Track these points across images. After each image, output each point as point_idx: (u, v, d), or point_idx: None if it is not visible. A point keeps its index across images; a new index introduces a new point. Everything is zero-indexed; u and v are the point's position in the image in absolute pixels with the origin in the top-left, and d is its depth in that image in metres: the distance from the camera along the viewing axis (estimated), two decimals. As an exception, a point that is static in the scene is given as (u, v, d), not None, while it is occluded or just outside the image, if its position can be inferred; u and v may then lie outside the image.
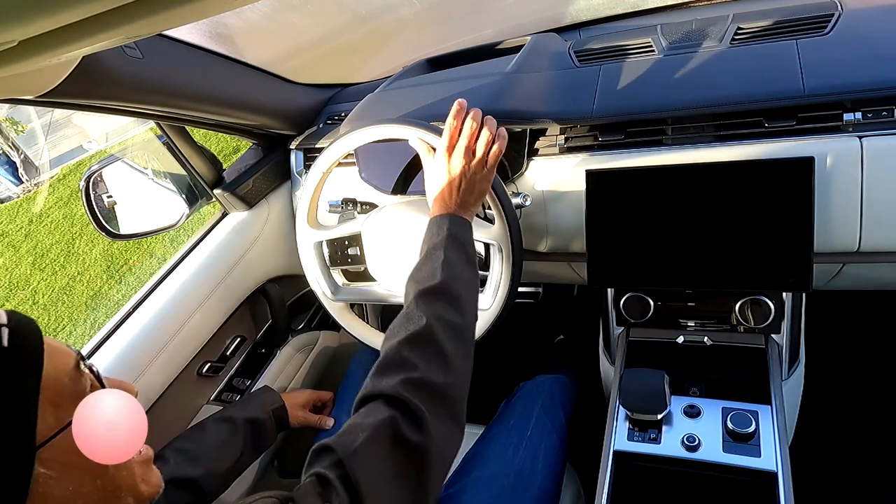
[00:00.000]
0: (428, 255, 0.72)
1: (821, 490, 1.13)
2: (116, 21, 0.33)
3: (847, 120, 0.77)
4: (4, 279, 4.68)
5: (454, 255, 0.71)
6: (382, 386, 0.57)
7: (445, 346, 0.62)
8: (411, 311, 0.65)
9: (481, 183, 0.78)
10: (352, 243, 0.98)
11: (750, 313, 0.88)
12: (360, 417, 0.56)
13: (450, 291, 0.67)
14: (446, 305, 0.66)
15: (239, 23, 1.13)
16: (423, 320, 0.62)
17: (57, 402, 0.43)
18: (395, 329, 0.64)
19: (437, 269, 0.68)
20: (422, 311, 0.64)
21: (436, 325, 0.63)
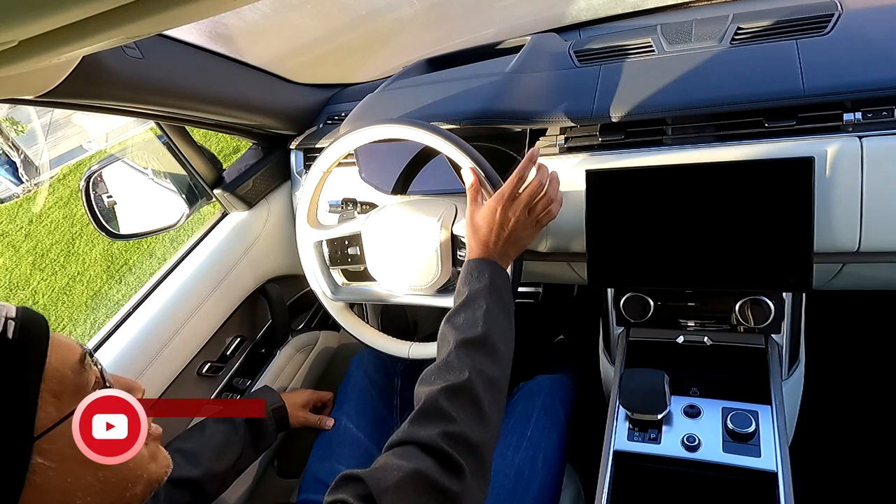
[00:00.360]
0: (469, 301, 0.71)
1: (821, 490, 1.13)
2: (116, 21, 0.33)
3: (847, 120, 0.77)
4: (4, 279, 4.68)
5: (495, 305, 0.71)
6: (421, 435, 0.58)
7: (483, 401, 0.62)
8: (451, 360, 0.65)
9: (526, 239, 0.79)
10: (352, 243, 0.98)
11: (750, 313, 0.88)
12: (395, 458, 0.56)
13: (490, 343, 0.68)
14: (486, 359, 0.66)
15: (239, 23, 1.13)
16: (464, 373, 0.63)
17: (59, 394, 0.44)
18: (433, 375, 0.64)
19: (478, 319, 0.68)
20: (462, 363, 0.64)
21: (476, 380, 0.63)
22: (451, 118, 0.94)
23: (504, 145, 0.95)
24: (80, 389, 0.46)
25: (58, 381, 0.44)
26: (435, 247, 0.88)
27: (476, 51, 1.21)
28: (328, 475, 0.92)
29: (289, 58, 1.26)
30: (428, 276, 0.89)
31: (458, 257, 0.90)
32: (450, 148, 0.82)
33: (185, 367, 1.03)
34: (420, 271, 0.89)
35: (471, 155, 0.81)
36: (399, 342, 0.98)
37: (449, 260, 0.90)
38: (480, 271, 0.74)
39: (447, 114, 0.95)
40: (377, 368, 1.07)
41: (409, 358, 0.96)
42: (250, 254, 1.15)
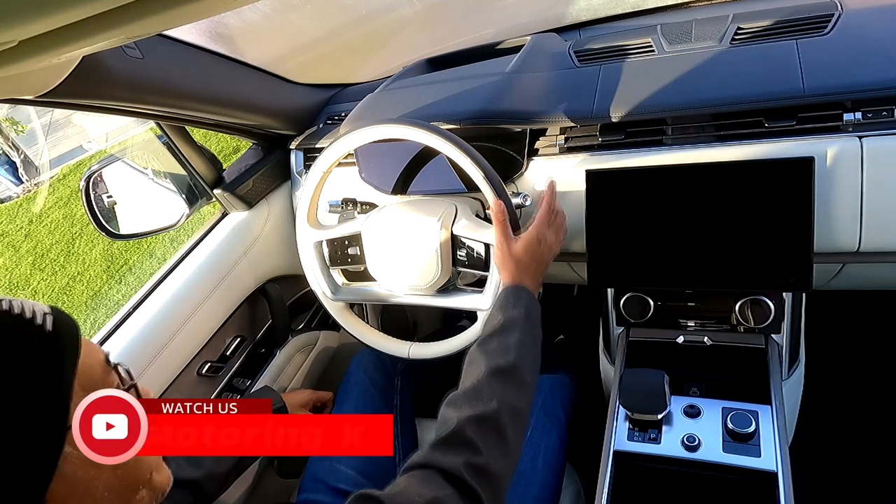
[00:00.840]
0: (503, 328, 0.72)
1: (821, 490, 1.13)
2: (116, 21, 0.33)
3: (847, 120, 0.77)
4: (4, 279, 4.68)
5: (527, 335, 0.72)
6: (444, 462, 0.58)
7: (508, 432, 0.63)
8: (481, 387, 0.65)
9: (548, 264, 0.83)
10: (352, 243, 0.98)
11: (750, 313, 0.88)
12: (416, 484, 0.56)
13: (520, 374, 0.68)
14: (515, 390, 0.67)
15: (239, 23, 1.13)
16: (492, 403, 0.63)
17: (88, 388, 0.46)
18: (462, 400, 0.64)
19: (511, 348, 0.69)
20: (492, 392, 0.64)
21: (504, 410, 0.63)
22: (451, 118, 0.94)
23: (504, 145, 0.95)
24: (108, 387, 0.48)
25: (89, 376, 0.46)
26: (435, 247, 0.87)
27: (476, 51, 1.21)
28: (328, 475, 0.92)
29: (289, 58, 1.26)
30: (428, 276, 0.89)
31: (457, 257, 0.90)
32: (450, 148, 0.82)
33: (185, 367, 1.03)
34: (420, 271, 0.89)
35: (471, 155, 0.81)
36: (399, 342, 0.98)
37: (449, 260, 0.90)
38: (518, 298, 0.76)
39: (447, 114, 0.95)
40: (377, 368, 1.07)
41: (409, 358, 0.96)
42: (250, 254, 1.15)
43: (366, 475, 0.92)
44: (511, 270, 0.79)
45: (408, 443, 1.02)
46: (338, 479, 0.91)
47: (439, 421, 0.64)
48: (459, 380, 0.70)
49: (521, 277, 0.79)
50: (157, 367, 0.96)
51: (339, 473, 0.91)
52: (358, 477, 0.91)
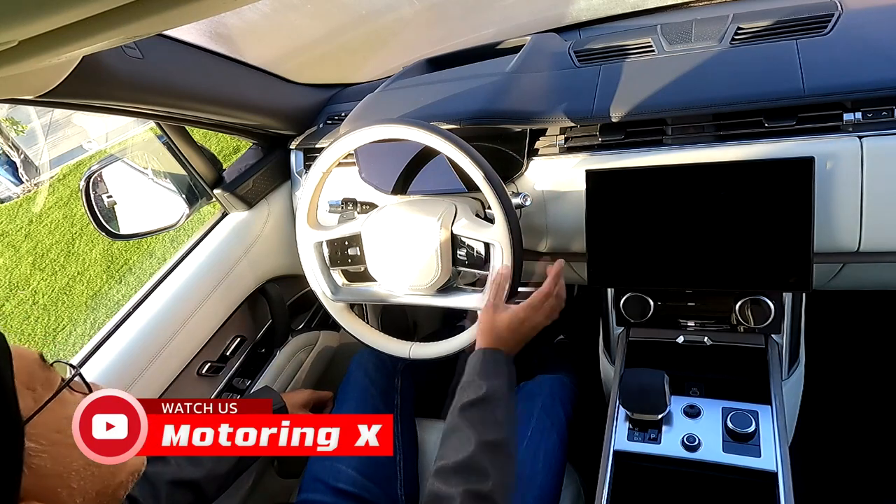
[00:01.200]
0: (488, 397, 0.71)
1: (821, 490, 1.13)
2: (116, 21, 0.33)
3: (847, 120, 0.77)
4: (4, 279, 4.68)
5: (510, 407, 0.72)
6: None
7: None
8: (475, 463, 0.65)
9: (538, 331, 0.82)
10: (352, 243, 0.98)
11: (750, 313, 0.88)
12: None
13: (510, 448, 0.69)
14: (508, 463, 0.68)
15: (239, 23, 1.13)
16: (488, 483, 0.63)
17: (32, 385, 0.47)
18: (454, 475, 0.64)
19: (501, 421, 0.70)
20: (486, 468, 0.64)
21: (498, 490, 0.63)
22: (451, 118, 0.94)
23: (504, 145, 0.95)
24: (50, 383, 0.48)
25: (27, 374, 0.47)
26: (435, 247, 0.87)
27: (476, 51, 1.21)
28: (328, 475, 0.92)
29: (289, 58, 1.26)
30: (428, 276, 0.89)
31: (457, 257, 0.90)
32: (450, 148, 0.82)
33: (185, 367, 1.03)
34: (420, 271, 0.89)
35: (471, 155, 0.81)
36: (399, 342, 0.98)
37: (449, 260, 0.90)
38: (498, 365, 0.75)
39: (447, 114, 0.95)
40: (377, 368, 1.07)
41: (409, 358, 0.96)
42: (250, 254, 1.15)
43: (366, 475, 0.92)
44: (490, 338, 0.79)
45: (408, 443, 1.02)
46: (338, 478, 0.91)
47: (430, 495, 0.64)
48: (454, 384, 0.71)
49: (499, 345, 0.78)
50: (157, 367, 0.96)
51: (339, 473, 0.91)
52: (358, 477, 0.91)
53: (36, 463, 0.44)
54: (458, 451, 0.66)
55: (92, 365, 0.91)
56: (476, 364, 0.75)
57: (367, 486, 0.91)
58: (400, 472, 0.95)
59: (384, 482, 0.93)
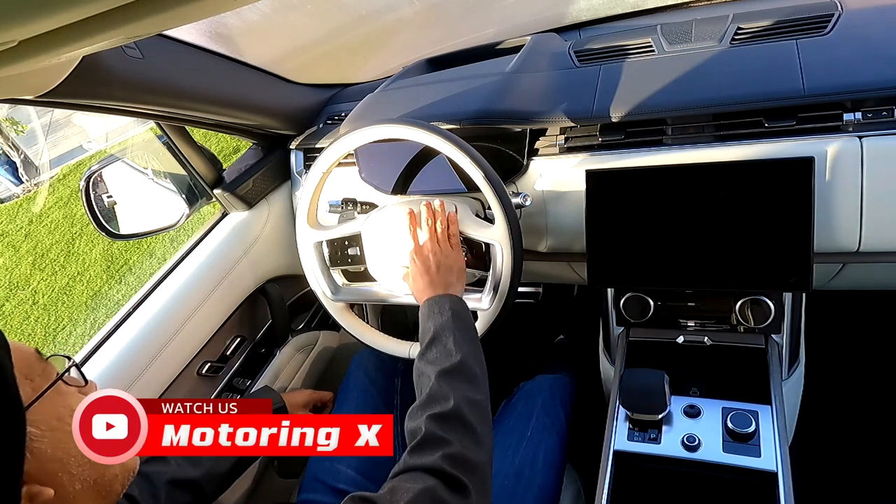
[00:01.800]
0: (437, 335, 0.74)
1: (821, 490, 1.13)
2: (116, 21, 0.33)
3: (847, 120, 0.77)
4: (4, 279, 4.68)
5: (462, 333, 0.74)
6: (422, 461, 0.60)
7: (474, 423, 0.65)
8: (435, 392, 0.67)
9: (457, 261, 0.84)
10: (352, 243, 0.98)
11: (750, 313, 0.88)
12: (403, 481, 0.58)
13: (468, 369, 0.71)
14: (468, 384, 0.69)
15: (239, 23, 1.13)
16: (450, 401, 0.65)
17: (31, 376, 0.48)
18: (420, 410, 0.67)
19: (452, 350, 0.72)
20: (447, 392, 0.67)
21: (462, 405, 0.66)
22: (451, 118, 0.94)
23: (504, 145, 0.95)
24: (47, 374, 0.50)
25: (26, 365, 0.48)
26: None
27: (476, 51, 1.21)
28: (328, 475, 0.92)
29: (289, 58, 1.26)
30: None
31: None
32: (450, 148, 0.82)
33: (185, 367, 1.03)
34: (420, 271, 0.89)
35: (471, 155, 0.81)
36: (399, 342, 0.98)
37: (449, 260, 0.90)
38: (440, 305, 0.78)
39: (447, 114, 0.95)
40: (377, 368, 1.07)
41: (409, 358, 0.96)
42: (250, 254, 1.15)
43: (366, 475, 0.92)
44: (415, 292, 0.84)
45: (408, 443, 1.02)
46: (337, 479, 0.91)
47: (407, 437, 0.66)
48: None
49: (428, 290, 0.81)
50: (158, 367, 0.96)
51: (339, 474, 0.91)
52: (358, 477, 0.91)
53: (37, 447, 0.46)
54: (422, 390, 0.69)
55: (92, 365, 0.91)
56: (422, 315, 0.79)
57: (367, 486, 0.91)
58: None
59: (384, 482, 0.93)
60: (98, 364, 0.91)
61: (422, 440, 0.63)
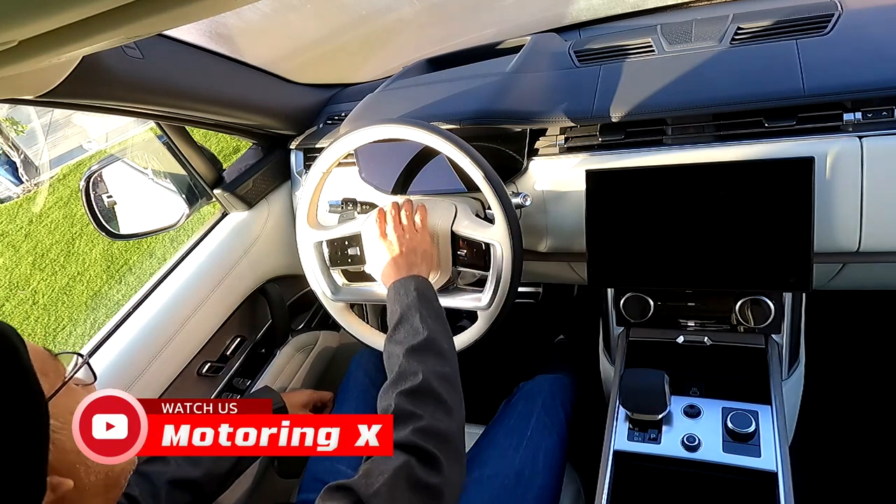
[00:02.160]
0: (403, 316, 0.75)
1: (821, 490, 1.13)
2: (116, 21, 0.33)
3: (847, 120, 0.77)
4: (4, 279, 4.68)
5: (427, 311, 0.75)
6: (395, 437, 0.60)
7: (443, 395, 0.66)
8: (404, 369, 0.68)
9: (421, 244, 0.85)
10: (352, 243, 0.98)
11: (750, 313, 0.88)
12: (377, 463, 0.58)
13: (436, 345, 0.72)
14: (436, 359, 0.70)
15: (239, 23, 1.13)
16: (418, 376, 0.66)
17: (45, 372, 0.49)
18: (390, 388, 0.67)
19: (418, 327, 0.73)
20: (414, 367, 0.67)
21: (431, 378, 0.66)
22: (451, 118, 0.94)
23: (504, 145, 0.95)
24: (58, 371, 0.51)
25: (41, 361, 0.49)
26: (435, 247, 0.87)
27: (476, 51, 1.21)
28: (328, 475, 0.92)
29: (289, 58, 1.26)
30: (428, 277, 0.89)
31: (458, 256, 0.90)
32: (450, 148, 0.82)
33: (185, 367, 1.03)
34: (420, 271, 0.89)
35: (471, 155, 0.81)
36: (399, 342, 0.98)
37: (449, 260, 0.90)
38: (405, 287, 0.78)
39: (447, 114, 0.95)
40: (377, 368, 1.07)
41: (409, 358, 0.96)
42: (250, 254, 1.15)
43: (366, 475, 0.92)
44: (385, 277, 0.84)
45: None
46: (337, 479, 0.91)
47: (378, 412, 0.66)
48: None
49: (392, 274, 0.82)
50: (157, 367, 0.96)
51: (339, 474, 0.91)
52: (358, 477, 0.91)
53: (58, 438, 0.47)
54: (392, 370, 0.70)
55: (92, 364, 0.90)
56: (389, 299, 0.79)
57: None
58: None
59: None
60: (98, 364, 0.91)
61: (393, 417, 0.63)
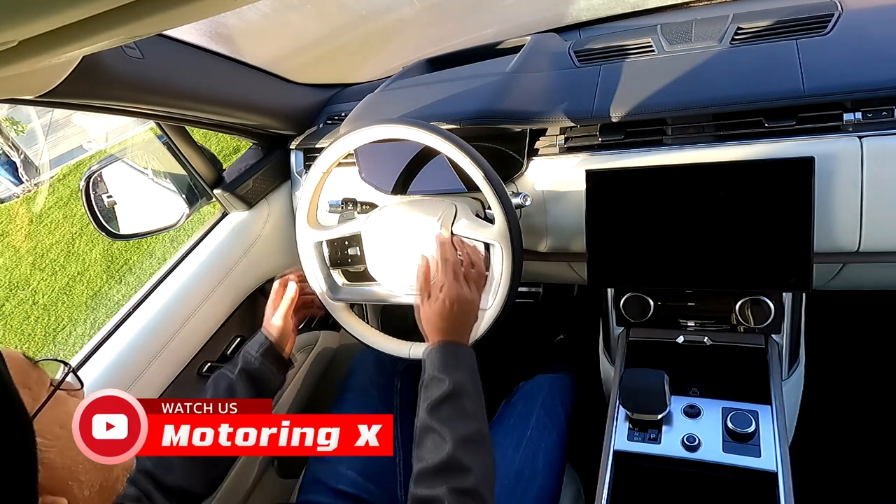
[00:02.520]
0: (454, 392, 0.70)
1: (821, 490, 1.13)
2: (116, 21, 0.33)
3: (847, 120, 0.77)
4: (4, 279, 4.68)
5: (476, 393, 0.72)
6: None
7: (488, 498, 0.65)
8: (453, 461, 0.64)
9: (474, 304, 0.80)
10: (352, 243, 0.97)
11: (750, 313, 0.88)
12: None
13: (486, 436, 0.69)
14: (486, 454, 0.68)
15: (239, 23, 1.13)
16: (470, 477, 0.63)
17: (27, 384, 0.47)
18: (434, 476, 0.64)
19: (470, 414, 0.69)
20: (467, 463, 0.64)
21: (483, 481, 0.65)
22: (451, 118, 0.94)
23: (504, 145, 0.95)
24: (41, 381, 0.49)
25: (22, 373, 0.47)
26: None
27: (476, 51, 1.21)
28: (328, 475, 0.92)
29: (289, 58, 1.26)
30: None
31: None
32: (450, 148, 0.82)
33: (185, 367, 1.03)
34: (420, 271, 0.89)
35: (471, 155, 0.81)
36: (399, 342, 0.98)
37: (449, 260, 0.90)
38: (455, 356, 0.74)
39: (447, 114, 0.95)
40: (377, 368, 1.07)
41: (409, 358, 0.96)
42: (250, 254, 1.15)
43: (366, 476, 0.92)
44: (434, 331, 0.77)
45: (407, 443, 1.01)
46: (337, 480, 0.91)
47: (415, 500, 0.64)
48: None
49: (449, 336, 0.76)
50: (157, 367, 0.96)
51: (339, 474, 0.91)
52: (358, 478, 0.91)
53: (47, 457, 0.45)
54: (436, 452, 0.66)
55: (92, 365, 0.91)
56: (435, 360, 0.74)
57: (366, 487, 0.91)
58: (400, 472, 0.95)
59: (384, 483, 0.93)
60: (98, 364, 0.91)
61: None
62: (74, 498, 0.47)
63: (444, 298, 0.77)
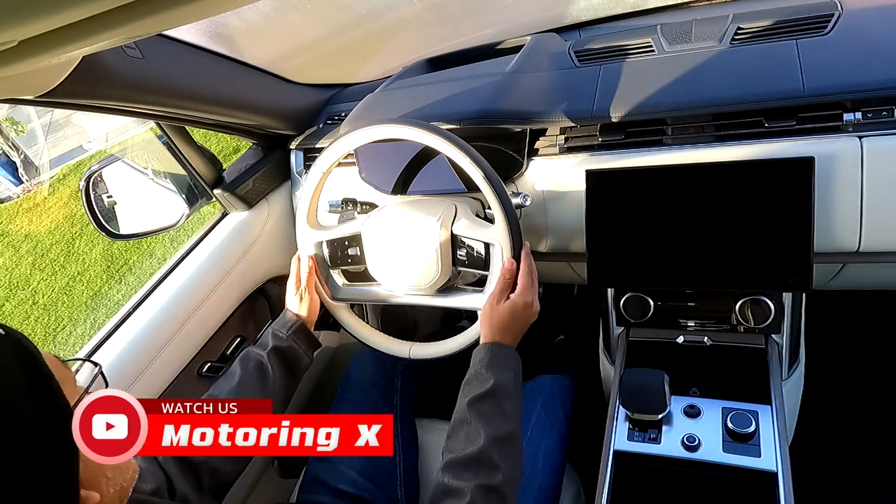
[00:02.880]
0: (496, 390, 0.72)
1: (821, 490, 1.13)
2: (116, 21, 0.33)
3: (847, 120, 0.77)
4: (4, 279, 4.68)
5: (517, 397, 0.74)
6: None
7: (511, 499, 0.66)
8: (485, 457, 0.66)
9: (531, 319, 0.83)
10: (352, 243, 0.97)
11: (750, 313, 0.88)
12: None
13: (519, 440, 0.71)
14: (516, 460, 0.69)
15: (239, 23, 1.13)
16: (497, 475, 0.65)
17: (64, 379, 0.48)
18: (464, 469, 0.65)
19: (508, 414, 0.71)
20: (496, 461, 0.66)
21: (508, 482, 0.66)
22: (451, 118, 0.94)
23: (504, 145, 0.95)
24: (70, 380, 0.50)
25: (55, 367, 0.47)
26: (435, 247, 0.87)
27: (476, 51, 1.21)
28: (328, 475, 0.92)
29: (289, 58, 1.26)
30: (428, 276, 0.89)
31: (457, 257, 0.90)
32: (450, 148, 0.82)
33: (185, 367, 1.03)
34: (420, 271, 0.89)
35: (471, 155, 0.81)
36: (399, 342, 0.98)
37: (449, 260, 0.90)
38: (507, 359, 0.76)
39: (447, 114, 0.95)
40: (377, 368, 1.07)
41: (409, 358, 0.96)
42: (250, 254, 1.15)
43: (366, 476, 0.92)
44: (495, 329, 0.79)
45: (408, 443, 1.02)
46: (338, 479, 0.91)
47: (440, 487, 0.65)
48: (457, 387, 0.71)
49: (504, 337, 0.79)
50: (158, 367, 0.96)
51: (340, 474, 0.91)
52: (358, 478, 0.91)
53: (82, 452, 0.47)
54: (468, 444, 0.67)
55: (92, 365, 0.91)
56: (484, 357, 0.76)
57: (367, 486, 0.91)
58: (400, 472, 0.95)
59: (384, 483, 0.93)
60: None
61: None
62: (103, 494, 0.48)
63: (522, 301, 0.80)
